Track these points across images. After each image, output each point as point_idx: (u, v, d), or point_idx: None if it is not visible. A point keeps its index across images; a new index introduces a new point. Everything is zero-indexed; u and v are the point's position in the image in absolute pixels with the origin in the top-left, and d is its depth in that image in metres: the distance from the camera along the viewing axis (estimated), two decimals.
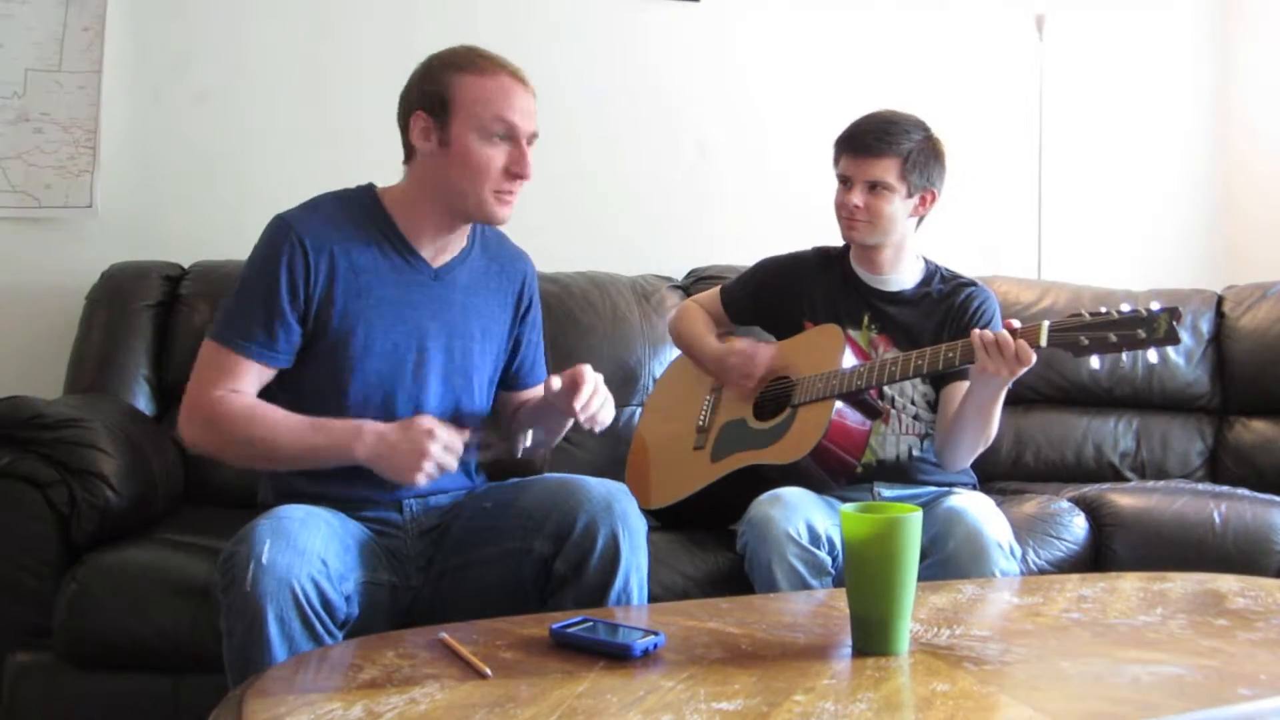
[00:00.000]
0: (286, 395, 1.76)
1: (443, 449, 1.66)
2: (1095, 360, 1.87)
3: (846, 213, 2.20)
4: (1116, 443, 2.91)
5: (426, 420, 1.68)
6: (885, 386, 2.15)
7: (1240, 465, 2.83)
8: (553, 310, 2.64)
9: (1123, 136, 3.45)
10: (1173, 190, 3.51)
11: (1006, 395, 2.02)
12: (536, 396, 1.98)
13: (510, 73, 1.77)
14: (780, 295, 2.33)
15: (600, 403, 1.75)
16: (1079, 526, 2.32)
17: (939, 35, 3.32)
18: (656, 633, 1.39)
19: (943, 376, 2.15)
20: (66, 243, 2.77)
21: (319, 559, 1.53)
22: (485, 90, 1.74)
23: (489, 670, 1.29)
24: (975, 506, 2.03)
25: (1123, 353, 1.81)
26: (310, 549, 1.53)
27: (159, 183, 2.84)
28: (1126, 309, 1.81)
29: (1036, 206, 3.33)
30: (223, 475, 2.40)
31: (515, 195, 1.79)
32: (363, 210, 1.82)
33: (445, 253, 1.86)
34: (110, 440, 2.07)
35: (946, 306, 2.23)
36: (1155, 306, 1.78)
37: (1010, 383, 1.95)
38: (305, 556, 1.52)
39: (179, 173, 2.85)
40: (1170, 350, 2.91)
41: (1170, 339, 1.77)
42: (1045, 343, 1.87)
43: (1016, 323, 1.93)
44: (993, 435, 2.07)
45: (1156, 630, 1.49)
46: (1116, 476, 2.84)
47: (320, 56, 2.94)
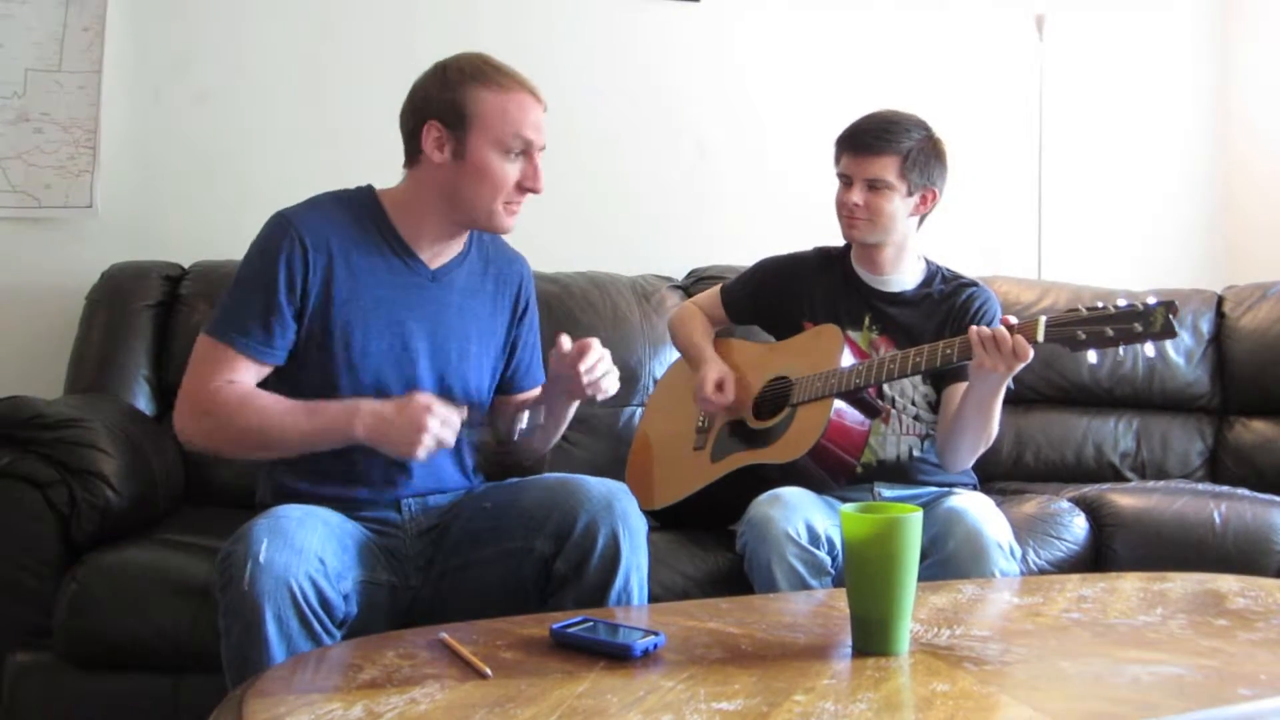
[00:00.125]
0: (281, 393, 1.75)
1: (440, 424, 1.66)
2: (1093, 355, 1.86)
3: (847, 211, 2.20)
4: (1116, 443, 2.91)
5: (423, 396, 1.68)
6: (885, 386, 2.15)
7: (1240, 465, 2.83)
8: (553, 310, 2.64)
9: (1123, 136, 3.45)
10: (1173, 190, 3.51)
11: (1006, 395, 2.02)
12: (533, 399, 1.97)
13: (528, 90, 1.78)
14: (780, 295, 2.33)
15: (604, 370, 1.75)
16: (1079, 527, 2.32)
17: (939, 35, 3.32)
18: (657, 633, 1.39)
19: (944, 377, 2.15)
20: (66, 243, 2.77)
21: (316, 558, 1.53)
22: (504, 107, 1.75)
23: (489, 670, 1.29)
24: (975, 507, 2.03)
25: (1119, 347, 1.80)
26: (308, 548, 1.53)
27: (159, 183, 2.84)
28: (1123, 303, 1.80)
29: (1036, 206, 3.33)
30: (223, 475, 2.41)
31: (521, 206, 1.81)
32: (362, 211, 1.82)
33: (443, 255, 1.86)
34: (110, 440, 2.07)
35: (948, 307, 2.23)
36: (1151, 300, 1.78)
37: (1009, 379, 1.95)
38: (303, 555, 1.52)
39: (179, 173, 2.85)
40: (1170, 349, 2.92)
41: (1167, 333, 1.76)
42: (1042, 338, 1.87)
43: (1013, 318, 1.93)
44: (993, 435, 2.07)
45: (1156, 630, 1.48)
46: (1116, 476, 2.84)
47: (320, 56, 2.94)
